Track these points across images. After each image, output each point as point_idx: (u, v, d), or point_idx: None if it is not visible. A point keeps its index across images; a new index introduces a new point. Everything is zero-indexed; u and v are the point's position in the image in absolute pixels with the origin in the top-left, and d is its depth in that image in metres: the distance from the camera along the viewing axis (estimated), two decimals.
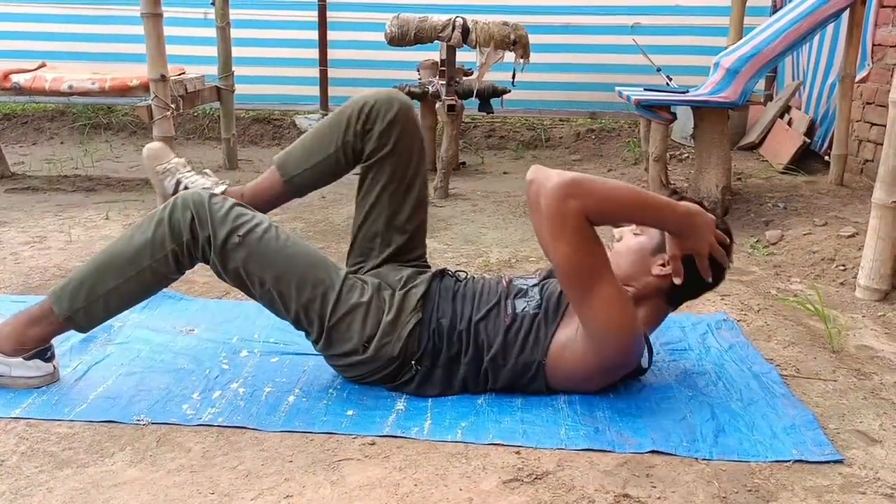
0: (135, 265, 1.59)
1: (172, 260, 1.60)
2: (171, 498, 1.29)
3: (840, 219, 2.98)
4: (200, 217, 1.58)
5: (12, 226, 2.96)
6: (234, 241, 1.59)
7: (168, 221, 1.59)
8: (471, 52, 3.65)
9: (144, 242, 1.59)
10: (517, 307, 1.67)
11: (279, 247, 1.62)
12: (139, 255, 1.59)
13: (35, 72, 3.44)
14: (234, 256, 1.59)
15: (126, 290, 1.61)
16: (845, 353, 1.94)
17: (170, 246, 1.58)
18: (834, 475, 1.41)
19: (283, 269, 1.61)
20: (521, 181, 4.20)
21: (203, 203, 1.60)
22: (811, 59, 4.38)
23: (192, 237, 1.59)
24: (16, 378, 1.63)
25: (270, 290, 1.62)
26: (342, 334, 1.63)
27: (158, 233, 1.59)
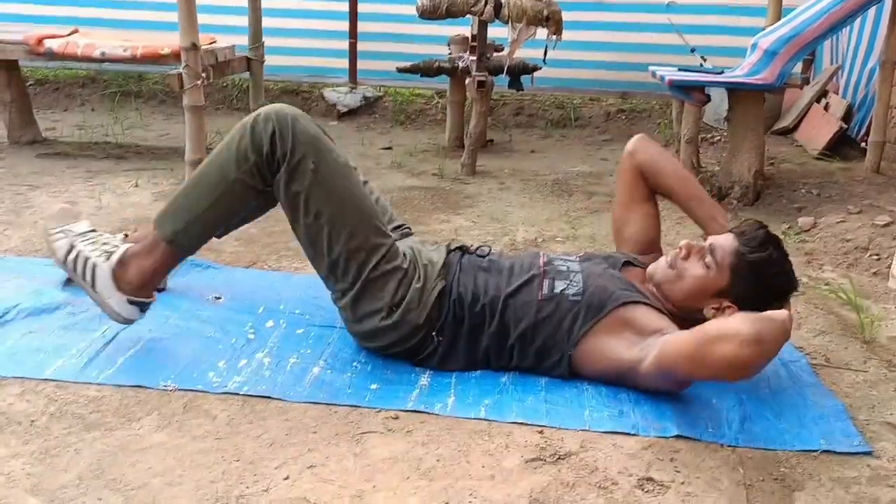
0: (224, 180, 1.62)
1: (257, 171, 1.61)
2: (196, 464, 1.31)
3: (875, 207, 2.92)
4: (282, 132, 1.59)
5: (44, 190, 2.99)
6: (307, 165, 1.59)
7: (250, 133, 1.60)
8: (502, 28, 3.61)
9: (230, 156, 1.61)
10: (556, 287, 1.65)
11: (348, 186, 1.63)
12: (227, 168, 1.62)
13: (68, 37, 3.45)
14: (302, 180, 1.59)
15: (221, 205, 1.64)
16: (877, 344, 1.90)
17: (252, 157, 1.60)
18: (862, 467, 1.39)
19: (344, 210, 1.62)
20: (548, 160, 4.17)
21: (286, 119, 1.60)
22: (851, 42, 4.27)
23: (270, 150, 1.59)
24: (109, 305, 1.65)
25: (322, 226, 1.61)
26: (375, 292, 1.63)
27: (242, 144, 1.60)
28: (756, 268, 1.60)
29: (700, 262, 1.63)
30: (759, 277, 1.60)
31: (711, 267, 1.61)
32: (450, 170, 3.65)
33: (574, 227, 2.84)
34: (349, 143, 4.26)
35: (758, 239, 1.62)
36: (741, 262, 1.60)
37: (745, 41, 3.33)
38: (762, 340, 1.33)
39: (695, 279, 1.62)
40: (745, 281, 1.59)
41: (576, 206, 3.16)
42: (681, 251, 1.65)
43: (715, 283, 1.61)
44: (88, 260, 1.64)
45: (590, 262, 1.74)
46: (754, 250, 1.60)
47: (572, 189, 3.42)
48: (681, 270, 1.63)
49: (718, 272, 1.61)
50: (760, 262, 1.60)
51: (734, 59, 3.69)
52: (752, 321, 1.35)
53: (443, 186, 3.37)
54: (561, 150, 4.37)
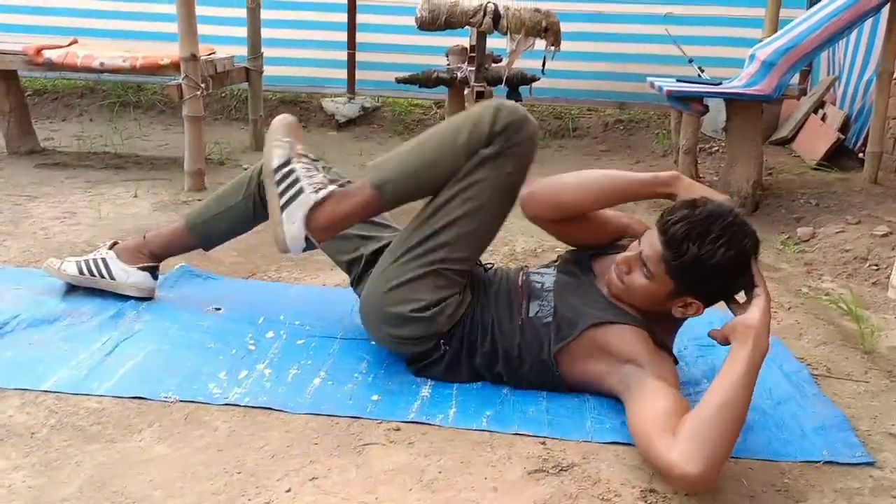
0: (453, 140, 1.61)
1: (484, 140, 1.60)
2: (198, 476, 1.30)
3: (874, 217, 2.93)
4: (517, 130, 1.59)
5: (42, 200, 2.99)
6: (505, 167, 1.61)
7: (494, 111, 1.60)
8: (501, 39, 3.63)
9: (467, 122, 1.61)
10: (531, 310, 1.65)
11: (505, 207, 1.66)
12: (460, 131, 1.61)
13: (67, 48, 3.46)
14: (494, 170, 1.60)
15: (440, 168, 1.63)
16: (878, 354, 1.90)
17: (486, 129, 1.59)
18: (865, 478, 1.39)
19: (488, 217, 1.64)
20: (547, 171, 4.15)
21: (529, 125, 1.61)
22: (848, 53, 4.30)
23: (500, 130, 1.59)
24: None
25: (460, 208, 1.62)
26: (434, 285, 1.63)
27: (485, 117, 1.59)
28: (690, 269, 1.46)
29: (640, 273, 1.54)
30: (700, 274, 1.47)
31: (650, 277, 1.52)
32: None
33: None
34: (348, 154, 4.26)
35: (677, 238, 1.46)
36: (673, 269, 1.48)
37: (742, 52, 3.35)
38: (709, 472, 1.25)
39: (642, 290, 1.55)
40: (688, 281, 1.49)
41: None
42: (621, 266, 1.58)
43: (662, 289, 1.52)
44: (298, 182, 1.64)
45: (565, 274, 1.71)
46: (676, 254, 1.46)
47: None
48: (628, 284, 1.57)
49: (658, 280, 1.51)
50: (691, 264, 1.45)
51: (732, 70, 3.71)
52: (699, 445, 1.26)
53: None
54: (559, 160, 4.38)
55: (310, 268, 2.35)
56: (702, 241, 1.44)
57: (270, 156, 1.66)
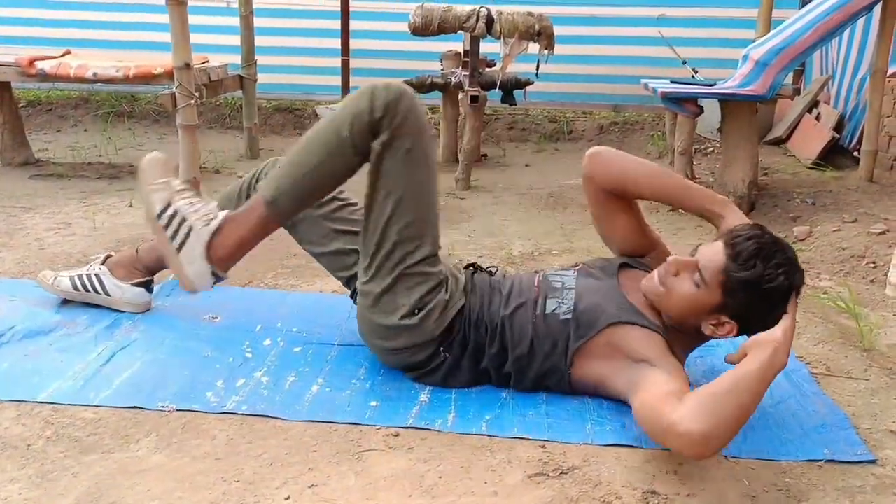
0: (336, 138, 1.58)
1: (368, 131, 1.58)
2: (196, 485, 1.29)
3: (870, 215, 2.93)
4: (398, 104, 1.56)
5: (37, 212, 2.98)
6: (404, 143, 1.58)
7: (369, 96, 1.57)
8: (494, 43, 3.63)
9: (345, 115, 1.58)
10: (548, 307, 1.62)
11: (427, 183, 1.63)
12: (340, 127, 1.58)
13: (60, 59, 3.46)
14: (394, 155, 1.58)
15: (326, 166, 1.61)
16: (877, 352, 1.90)
17: (366, 118, 1.57)
18: (867, 475, 1.38)
19: (414, 199, 1.61)
20: (543, 173, 4.18)
21: (407, 97, 1.58)
22: (841, 53, 4.31)
23: (382, 115, 1.56)
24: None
25: (388, 204, 1.60)
26: (406, 288, 1.61)
27: (360, 105, 1.57)
28: (747, 286, 1.46)
29: (689, 280, 1.51)
30: (753, 293, 1.46)
31: (701, 286, 1.50)
32: (444, 185, 3.65)
33: (570, 239, 2.84)
34: None
35: (745, 254, 1.46)
36: (730, 281, 1.47)
37: (735, 53, 3.36)
38: (712, 439, 1.24)
39: (685, 298, 1.52)
40: (737, 298, 1.47)
41: (571, 218, 3.16)
42: (670, 268, 1.56)
43: (707, 301, 1.50)
44: (186, 221, 1.62)
45: (588, 277, 1.70)
46: (741, 268, 1.46)
47: (567, 202, 3.42)
48: (670, 288, 1.54)
49: (708, 291, 1.49)
50: (751, 280, 1.45)
51: (725, 71, 3.72)
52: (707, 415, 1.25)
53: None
54: (555, 163, 4.39)
55: (306, 275, 2.34)
56: (767, 262, 1.45)
57: (149, 202, 1.64)
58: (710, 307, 1.51)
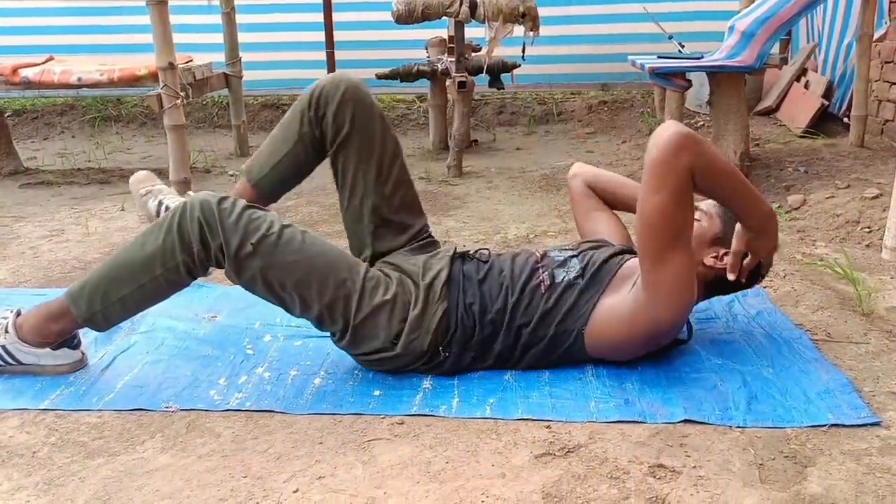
0: (147, 273, 1.56)
1: (184, 269, 1.55)
2: (203, 483, 1.29)
3: (863, 180, 2.93)
4: (210, 225, 1.52)
5: (29, 220, 2.96)
6: (247, 249, 1.53)
7: (177, 230, 1.53)
8: (479, 28, 3.61)
9: (155, 251, 1.54)
10: (556, 277, 1.64)
11: (296, 249, 1.56)
12: (151, 263, 1.55)
13: (43, 65, 3.43)
14: (250, 265, 1.54)
15: (141, 295, 1.59)
16: (876, 316, 1.90)
17: (180, 256, 1.53)
18: (872, 438, 1.38)
19: (303, 273, 1.56)
20: (534, 156, 4.17)
21: (212, 209, 1.53)
22: (826, 19, 4.30)
23: (202, 246, 1.53)
24: (45, 366, 1.65)
25: (291, 294, 1.58)
26: (368, 332, 1.60)
27: (168, 241, 1.53)
28: None
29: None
30: None
31: (702, 218, 1.65)
32: (436, 172, 3.64)
33: (565, 221, 2.84)
34: None
35: None
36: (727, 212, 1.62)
37: (720, 25, 3.34)
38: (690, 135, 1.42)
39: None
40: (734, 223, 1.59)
41: (565, 200, 3.15)
42: None
43: (707, 231, 1.64)
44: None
45: (586, 250, 1.73)
46: None
47: (560, 183, 3.42)
48: None
49: (709, 220, 1.65)
50: None
51: (711, 44, 3.70)
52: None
53: (430, 189, 3.36)
54: (546, 145, 4.38)
55: None
56: None
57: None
58: (710, 237, 1.64)
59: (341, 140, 1.74)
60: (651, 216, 1.47)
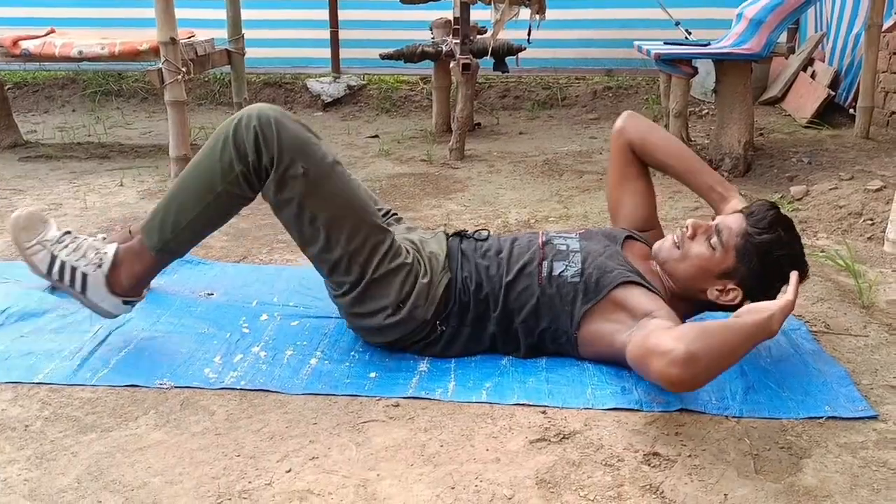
0: (210, 190, 1.55)
1: (244, 181, 1.54)
2: (196, 460, 1.29)
3: (867, 172, 2.91)
4: (266, 136, 1.51)
5: (27, 193, 2.95)
6: (297, 170, 1.51)
7: (233, 140, 1.52)
8: (485, 10, 3.57)
9: (213, 166, 1.54)
10: (554, 269, 1.61)
11: (340, 186, 1.56)
12: (211, 180, 1.54)
13: (44, 38, 3.40)
14: (293, 187, 1.52)
15: (207, 216, 1.58)
16: (876, 308, 1.89)
17: (238, 167, 1.52)
18: (868, 431, 1.38)
19: (340, 211, 1.56)
20: (537, 141, 4.14)
21: (270, 120, 1.51)
22: (835, 8, 4.26)
23: (256, 158, 1.51)
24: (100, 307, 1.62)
25: (319, 229, 1.56)
26: (380, 290, 1.59)
27: (225, 154, 1.52)
28: (763, 250, 1.53)
29: (706, 242, 1.57)
30: (766, 260, 1.53)
31: (717, 248, 1.56)
32: (438, 155, 3.62)
33: (566, 206, 2.82)
34: (335, 134, 4.22)
35: (767, 220, 1.55)
36: (748, 244, 1.54)
37: (728, 13, 3.31)
38: (695, 361, 1.26)
39: (699, 259, 1.57)
40: (750, 263, 1.54)
41: (567, 185, 3.14)
42: (687, 230, 1.60)
43: (719, 264, 1.56)
44: (77, 270, 1.58)
45: (590, 240, 1.69)
46: (762, 231, 1.54)
47: (562, 169, 3.40)
48: (686, 250, 1.59)
49: (724, 253, 1.55)
50: (768, 244, 1.53)
51: (719, 32, 3.67)
52: (693, 338, 1.28)
53: (432, 172, 3.34)
54: (549, 130, 4.35)
55: None
56: (785, 232, 1.56)
57: (35, 266, 1.59)
58: (719, 270, 1.56)
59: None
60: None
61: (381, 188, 3.07)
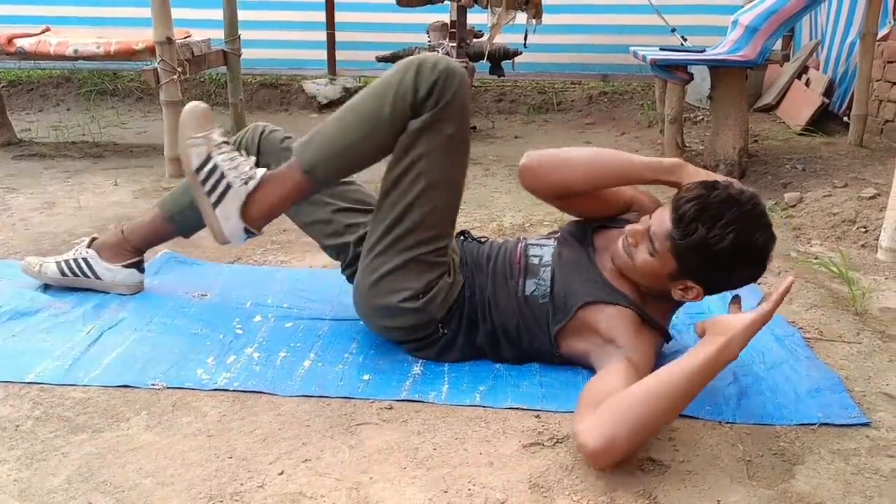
0: (378, 114, 1.52)
1: (410, 110, 1.52)
2: (188, 462, 1.28)
3: (860, 180, 2.92)
4: (445, 85, 1.50)
5: (21, 192, 2.93)
6: (447, 128, 1.52)
7: (415, 74, 1.50)
8: (481, 14, 3.58)
9: (388, 91, 1.52)
10: (527, 289, 1.61)
11: (461, 172, 1.60)
12: (383, 103, 1.52)
13: (39, 36, 3.39)
14: (433, 138, 1.53)
15: (367, 142, 1.55)
16: (869, 316, 1.90)
17: (410, 98, 1.51)
18: (861, 438, 1.38)
19: (445, 188, 1.57)
20: (532, 145, 4.14)
21: (455, 76, 1.51)
22: (830, 17, 4.28)
23: (427, 94, 1.50)
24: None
25: (414, 185, 1.55)
26: (413, 274, 1.58)
27: (405, 82, 1.50)
28: (694, 250, 1.41)
29: (645, 250, 1.48)
30: (705, 257, 1.41)
31: (654, 255, 1.46)
32: None
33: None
34: None
35: (686, 217, 1.40)
36: (677, 248, 1.42)
37: (724, 20, 3.33)
38: (599, 457, 1.24)
39: (645, 266, 1.49)
40: (691, 263, 1.43)
41: None
42: (628, 239, 1.52)
43: (664, 268, 1.47)
44: (224, 178, 1.56)
45: (565, 245, 1.66)
46: (684, 235, 1.40)
47: None
48: (634, 258, 1.52)
49: (661, 259, 1.46)
50: (697, 244, 1.40)
51: (714, 39, 3.69)
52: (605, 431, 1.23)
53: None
54: (544, 134, 4.35)
55: (296, 250, 2.32)
56: (711, 224, 1.38)
57: (188, 157, 1.57)
58: (667, 274, 1.47)
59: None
60: None
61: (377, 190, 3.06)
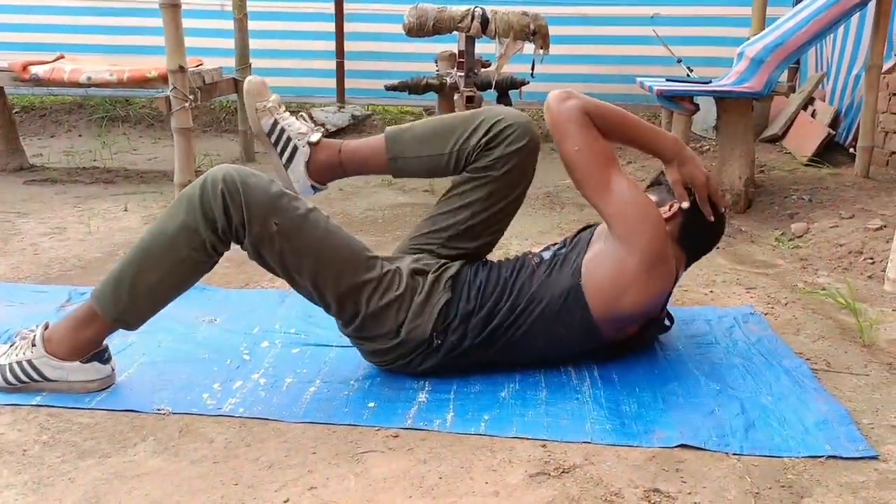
0: (172, 255, 1.51)
1: (210, 247, 1.52)
2: (194, 489, 1.28)
3: (867, 211, 2.93)
4: (233, 199, 1.49)
5: (32, 217, 2.96)
6: (270, 228, 1.52)
7: (199, 205, 1.50)
8: (490, 43, 3.62)
9: (178, 231, 1.50)
10: (544, 256, 1.74)
11: (319, 237, 1.56)
12: (175, 244, 1.50)
13: (54, 63, 3.44)
14: (271, 245, 1.53)
15: (169, 282, 1.54)
16: (877, 347, 1.89)
17: (205, 233, 1.50)
18: (869, 471, 1.37)
19: (321, 259, 1.57)
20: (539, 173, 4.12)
21: (235, 182, 1.50)
22: (836, 49, 4.31)
23: (226, 221, 1.50)
24: (73, 382, 1.56)
25: (306, 280, 1.58)
26: (377, 322, 1.62)
27: (191, 218, 1.50)
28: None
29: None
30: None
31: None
32: (441, 185, 3.63)
33: None
34: None
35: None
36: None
37: (730, 51, 3.35)
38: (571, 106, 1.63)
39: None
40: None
41: (568, 218, 3.15)
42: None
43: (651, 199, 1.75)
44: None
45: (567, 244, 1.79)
46: None
47: (564, 202, 3.41)
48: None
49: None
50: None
51: (720, 70, 3.71)
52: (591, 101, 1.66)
53: (434, 203, 3.35)
54: (551, 163, 4.35)
55: None
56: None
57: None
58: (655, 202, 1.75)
59: (485, 178, 1.72)
60: (574, 161, 1.65)
61: (384, 218, 3.08)
